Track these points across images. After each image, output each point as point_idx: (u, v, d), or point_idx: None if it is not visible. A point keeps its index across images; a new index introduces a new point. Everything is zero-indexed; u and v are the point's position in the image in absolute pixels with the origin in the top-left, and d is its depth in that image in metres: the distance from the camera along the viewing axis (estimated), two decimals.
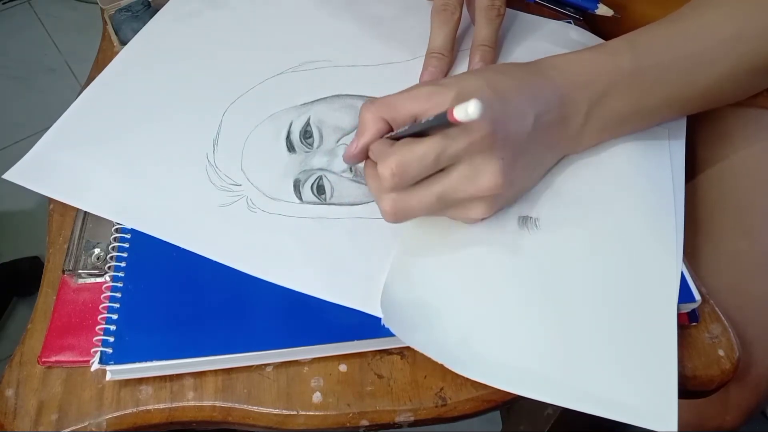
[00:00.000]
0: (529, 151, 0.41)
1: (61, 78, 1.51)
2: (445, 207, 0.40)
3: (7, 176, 0.47)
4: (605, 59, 0.42)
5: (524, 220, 0.42)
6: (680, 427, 0.56)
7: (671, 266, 0.40)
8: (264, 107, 0.51)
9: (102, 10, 0.59)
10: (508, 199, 0.42)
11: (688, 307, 0.40)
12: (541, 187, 0.44)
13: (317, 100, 0.51)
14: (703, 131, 0.56)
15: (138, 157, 0.48)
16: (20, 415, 0.40)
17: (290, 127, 0.49)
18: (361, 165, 0.44)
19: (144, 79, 0.53)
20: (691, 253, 0.52)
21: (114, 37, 0.56)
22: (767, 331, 0.49)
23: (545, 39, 0.54)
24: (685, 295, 0.40)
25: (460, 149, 0.37)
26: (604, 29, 0.64)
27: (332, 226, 0.44)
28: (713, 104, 0.46)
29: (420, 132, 0.38)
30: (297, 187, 0.46)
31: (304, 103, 0.51)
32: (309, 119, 0.49)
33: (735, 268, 0.50)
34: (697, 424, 0.55)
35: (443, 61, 0.50)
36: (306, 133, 0.48)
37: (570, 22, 0.57)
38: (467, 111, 0.32)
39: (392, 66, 0.53)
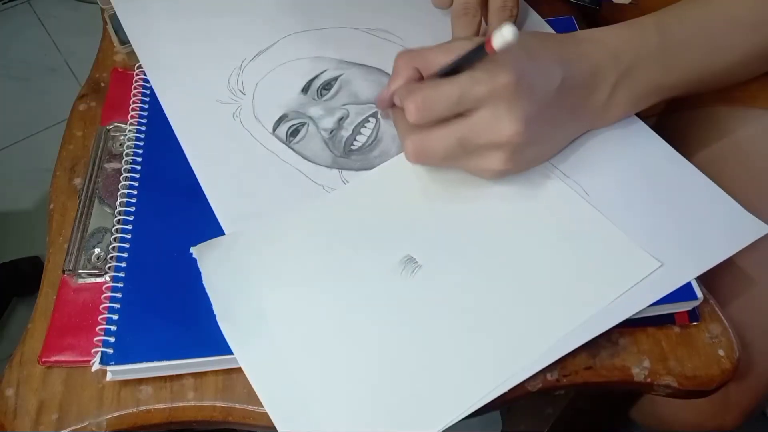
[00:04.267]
0: (553, 112, 0.41)
1: (61, 78, 1.51)
2: (465, 152, 0.40)
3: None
4: (634, 34, 0.44)
5: (407, 262, 0.41)
6: (680, 427, 0.56)
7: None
8: (318, 48, 0.54)
9: (102, 10, 0.59)
10: (527, 159, 0.42)
11: (690, 305, 0.40)
12: (442, 234, 0.42)
13: (359, 64, 0.53)
14: (702, 132, 0.55)
15: (202, 41, 0.55)
16: (20, 415, 0.40)
17: (321, 73, 0.52)
18: (343, 134, 0.48)
19: None
20: None
21: (114, 37, 0.56)
22: (767, 330, 0.49)
23: None
24: (686, 293, 0.40)
25: (485, 92, 0.38)
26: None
27: (275, 164, 0.47)
28: (725, 83, 0.49)
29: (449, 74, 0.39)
30: (280, 120, 0.49)
31: (349, 61, 0.53)
32: (340, 76, 0.51)
33: (735, 269, 0.50)
34: (697, 424, 0.55)
35: None
36: (327, 85, 0.51)
37: (572, 20, 0.57)
38: (503, 35, 0.33)
39: None
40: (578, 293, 0.40)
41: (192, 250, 0.42)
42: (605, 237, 0.42)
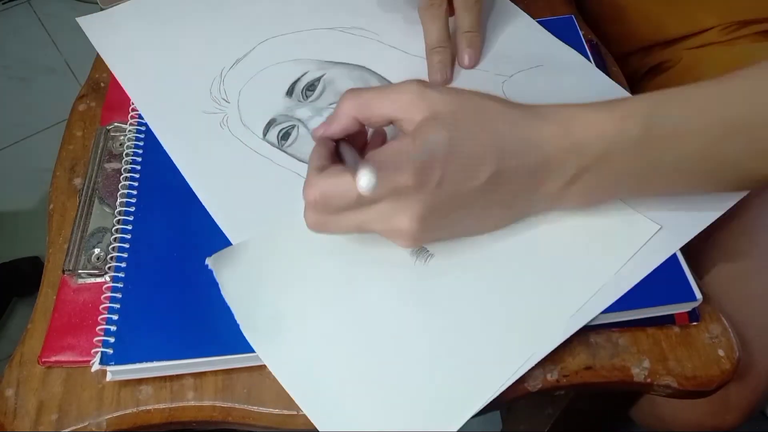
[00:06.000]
0: (477, 203, 0.38)
1: (61, 78, 1.51)
2: (367, 232, 0.40)
3: (79, 20, 0.57)
4: (611, 123, 0.37)
5: (419, 251, 0.41)
6: (680, 426, 0.57)
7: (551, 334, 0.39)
8: (296, 51, 0.54)
9: (102, 11, 0.59)
10: (441, 238, 0.41)
11: (689, 306, 0.40)
12: None
13: (341, 63, 0.53)
14: None
15: (175, 53, 0.55)
16: (20, 415, 0.40)
17: (302, 75, 0.52)
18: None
19: None
20: (692, 253, 0.52)
21: None
22: (766, 330, 0.49)
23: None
24: (685, 294, 0.40)
25: (382, 192, 0.36)
26: (606, 26, 0.64)
27: (270, 169, 0.47)
28: (748, 182, 0.40)
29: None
30: (269, 124, 0.49)
31: (329, 61, 0.53)
32: (323, 76, 0.52)
33: (735, 268, 0.50)
34: (697, 424, 0.55)
35: (445, 53, 0.51)
36: (311, 86, 0.51)
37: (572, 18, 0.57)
38: (359, 182, 0.34)
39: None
40: (587, 266, 0.40)
41: (207, 261, 0.42)
42: (605, 207, 0.42)
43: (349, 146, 0.40)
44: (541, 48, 0.54)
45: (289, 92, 0.51)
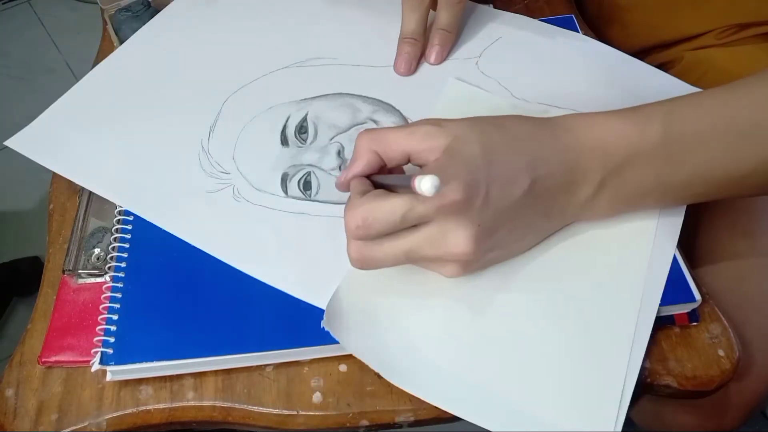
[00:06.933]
0: (519, 217, 0.38)
1: (61, 78, 1.51)
2: (415, 262, 0.38)
3: (8, 143, 0.48)
4: (631, 127, 0.38)
5: None
6: (680, 427, 0.57)
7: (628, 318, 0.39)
8: (265, 99, 0.51)
9: (102, 10, 0.59)
10: (488, 261, 0.40)
11: (688, 307, 0.40)
12: None
13: (317, 97, 0.51)
14: None
15: (137, 139, 0.49)
16: (20, 415, 0.40)
17: (287, 121, 0.50)
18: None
19: (149, 66, 0.54)
20: (691, 253, 0.52)
21: (114, 37, 0.56)
22: (766, 330, 0.49)
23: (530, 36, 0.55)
24: (685, 295, 0.40)
25: (429, 211, 0.35)
26: (606, 27, 0.64)
27: (312, 223, 0.44)
28: (756, 191, 0.40)
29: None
30: (284, 180, 0.46)
31: (305, 99, 0.51)
32: (306, 115, 0.50)
33: (735, 268, 0.50)
34: (697, 424, 0.55)
35: (416, 46, 0.52)
36: (301, 129, 0.49)
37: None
38: (421, 187, 0.32)
39: None
40: (623, 266, 0.41)
41: (323, 324, 0.39)
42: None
43: (387, 174, 0.39)
44: (492, 23, 0.56)
45: (284, 141, 0.48)
